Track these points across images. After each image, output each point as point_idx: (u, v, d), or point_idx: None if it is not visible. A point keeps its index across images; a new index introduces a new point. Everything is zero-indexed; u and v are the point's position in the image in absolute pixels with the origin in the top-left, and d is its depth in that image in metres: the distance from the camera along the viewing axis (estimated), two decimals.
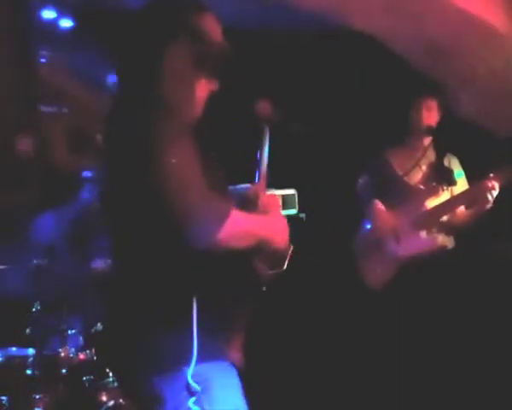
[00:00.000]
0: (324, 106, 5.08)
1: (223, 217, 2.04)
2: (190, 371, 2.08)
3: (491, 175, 3.85)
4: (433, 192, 4.01)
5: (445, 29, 4.14)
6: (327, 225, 4.72)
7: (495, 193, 3.85)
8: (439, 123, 4.10)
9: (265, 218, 2.28)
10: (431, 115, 4.10)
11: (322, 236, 4.76)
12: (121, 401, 3.37)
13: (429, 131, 4.11)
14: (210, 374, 2.12)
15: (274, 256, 2.26)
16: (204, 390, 2.09)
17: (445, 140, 4.11)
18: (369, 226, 4.10)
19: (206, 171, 2.09)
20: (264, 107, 2.47)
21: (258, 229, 2.19)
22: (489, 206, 3.87)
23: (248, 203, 2.36)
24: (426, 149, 4.16)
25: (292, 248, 2.30)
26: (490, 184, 3.82)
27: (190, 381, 2.08)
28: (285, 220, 2.31)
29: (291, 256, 2.30)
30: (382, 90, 4.99)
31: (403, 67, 4.52)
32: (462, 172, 4.17)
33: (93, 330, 3.55)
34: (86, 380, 3.47)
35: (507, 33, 4.17)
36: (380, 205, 4.04)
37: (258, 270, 2.27)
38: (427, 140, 4.17)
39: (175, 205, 1.99)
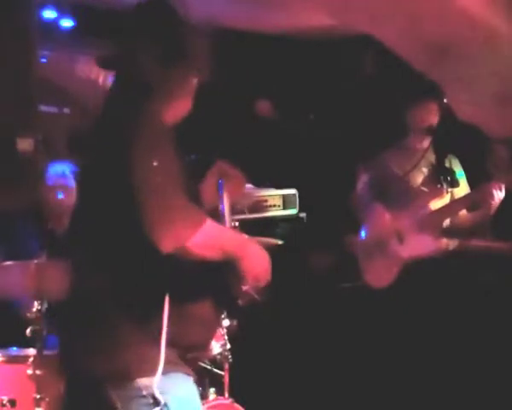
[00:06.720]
0: (323, 107, 5.09)
1: (197, 224, 2.06)
2: (155, 382, 2.07)
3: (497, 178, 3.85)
4: (438, 194, 4.01)
5: (445, 29, 4.14)
6: (327, 225, 4.72)
7: (501, 196, 3.84)
8: (440, 124, 4.10)
9: (239, 236, 2.31)
10: (430, 117, 4.09)
11: (322, 236, 4.75)
12: None
13: (428, 132, 4.10)
14: (169, 386, 2.11)
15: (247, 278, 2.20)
16: (165, 403, 2.09)
17: (446, 141, 4.11)
18: (370, 228, 4.09)
19: (183, 177, 2.13)
20: (263, 106, 2.47)
21: (228, 244, 2.17)
22: (493, 211, 3.87)
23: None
24: (425, 151, 4.15)
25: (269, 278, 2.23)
26: (495, 187, 3.82)
27: (156, 393, 2.07)
28: (259, 247, 2.24)
29: (267, 288, 2.25)
30: (381, 91, 5.00)
31: (401, 67, 4.52)
32: (463, 173, 4.17)
33: None
34: None
35: (509, 33, 4.17)
36: (381, 207, 4.04)
37: (234, 287, 2.23)
38: (427, 141, 4.16)
39: (151, 206, 2.01)
